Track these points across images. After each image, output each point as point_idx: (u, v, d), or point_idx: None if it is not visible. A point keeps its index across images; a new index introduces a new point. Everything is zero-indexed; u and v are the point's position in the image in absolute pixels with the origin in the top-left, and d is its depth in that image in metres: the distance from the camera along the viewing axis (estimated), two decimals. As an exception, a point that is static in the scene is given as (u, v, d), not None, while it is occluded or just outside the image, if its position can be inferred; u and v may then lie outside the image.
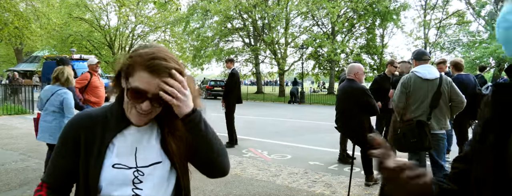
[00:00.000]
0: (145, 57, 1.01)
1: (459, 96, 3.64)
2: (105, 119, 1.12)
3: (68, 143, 1.12)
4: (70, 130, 1.13)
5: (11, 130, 8.96)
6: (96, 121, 1.12)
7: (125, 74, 1.05)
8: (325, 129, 9.55)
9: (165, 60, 1.02)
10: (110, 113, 1.13)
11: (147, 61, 1.00)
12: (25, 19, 16.42)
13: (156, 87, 1.00)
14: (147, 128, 1.15)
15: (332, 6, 23.70)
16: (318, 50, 27.92)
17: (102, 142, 1.08)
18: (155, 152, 1.13)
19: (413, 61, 3.96)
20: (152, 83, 1.00)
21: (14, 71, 23.68)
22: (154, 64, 1.00)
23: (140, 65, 1.01)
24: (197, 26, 28.79)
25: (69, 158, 1.11)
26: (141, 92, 1.01)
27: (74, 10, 26.89)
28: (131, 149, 1.11)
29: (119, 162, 1.08)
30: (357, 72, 4.44)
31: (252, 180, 4.82)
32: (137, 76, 1.01)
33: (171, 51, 19.87)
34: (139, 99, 1.02)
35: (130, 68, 1.03)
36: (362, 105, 4.29)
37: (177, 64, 1.04)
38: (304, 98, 21.79)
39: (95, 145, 1.08)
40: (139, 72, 1.01)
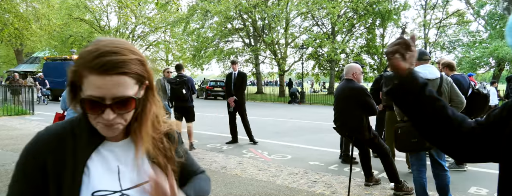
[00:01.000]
0: (88, 57, 0.82)
1: (458, 97, 3.63)
2: (73, 136, 0.90)
3: (30, 175, 0.88)
4: (31, 157, 0.88)
5: (11, 131, 8.97)
6: (63, 140, 0.90)
7: (77, 82, 0.85)
8: (325, 129, 9.54)
9: (115, 54, 0.82)
10: (78, 127, 0.92)
11: (92, 60, 0.81)
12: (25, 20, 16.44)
13: (114, 88, 0.82)
14: (128, 141, 0.96)
15: (332, 6, 23.71)
16: (318, 50, 27.93)
17: (75, 165, 0.87)
18: (142, 169, 0.95)
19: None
20: (106, 86, 0.81)
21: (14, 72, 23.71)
22: (102, 62, 0.80)
23: (86, 68, 0.81)
24: (197, 26, 28.80)
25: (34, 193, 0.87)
26: (96, 101, 0.82)
27: (74, 11, 26.92)
28: (112, 169, 0.91)
29: (101, 188, 0.88)
30: (355, 72, 4.45)
31: (252, 180, 4.82)
32: (87, 82, 0.82)
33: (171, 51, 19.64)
34: (98, 109, 0.84)
35: (78, 74, 0.84)
36: (361, 105, 4.29)
37: (134, 54, 0.85)
38: (304, 98, 21.79)
39: (67, 170, 0.87)
40: (87, 77, 0.82)
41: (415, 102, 0.97)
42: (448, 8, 27.63)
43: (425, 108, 0.97)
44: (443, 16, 26.95)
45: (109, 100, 0.83)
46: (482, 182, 4.79)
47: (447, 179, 3.66)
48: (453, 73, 4.93)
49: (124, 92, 0.83)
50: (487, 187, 4.54)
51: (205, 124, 10.25)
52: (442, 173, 3.66)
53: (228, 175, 5.03)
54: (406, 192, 4.24)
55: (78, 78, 0.84)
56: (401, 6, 26.51)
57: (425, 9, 26.80)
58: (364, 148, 4.55)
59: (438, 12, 27.45)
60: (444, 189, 3.69)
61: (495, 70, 22.50)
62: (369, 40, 28.91)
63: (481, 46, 21.35)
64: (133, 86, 0.85)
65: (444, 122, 0.96)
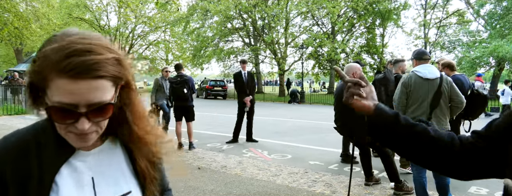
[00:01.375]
0: (54, 56, 0.67)
1: (458, 96, 3.63)
2: (38, 145, 0.76)
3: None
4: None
5: (11, 130, 8.94)
6: (26, 149, 0.75)
7: (40, 86, 0.71)
8: (325, 129, 9.55)
9: (89, 53, 0.67)
10: (43, 136, 0.77)
11: (60, 61, 0.66)
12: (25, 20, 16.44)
13: (89, 94, 0.68)
14: (103, 147, 0.83)
15: (332, 6, 23.71)
16: (318, 50, 27.93)
17: (41, 181, 0.73)
18: (121, 178, 0.83)
19: (413, 60, 3.96)
20: (80, 91, 0.67)
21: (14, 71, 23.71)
22: (73, 64, 0.66)
23: (53, 70, 0.67)
24: (197, 26, 28.80)
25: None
26: (67, 108, 0.69)
27: (74, 11, 26.93)
28: (85, 182, 0.78)
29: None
30: (355, 72, 4.45)
31: (252, 179, 4.82)
32: (54, 86, 0.67)
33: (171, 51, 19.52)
34: (69, 118, 0.70)
35: (41, 76, 0.68)
36: None
37: (111, 52, 0.71)
38: (304, 98, 21.80)
39: (31, 186, 0.72)
40: (55, 80, 0.67)
41: (394, 135, 0.94)
42: (448, 8, 27.63)
43: (406, 137, 0.93)
44: (443, 16, 26.96)
45: (83, 108, 0.69)
46: (482, 182, 4.79)
47: (447, 179, 3.66)
48: (454, 73, 4.93)
49: (101, 97, 0.70)
50: (487, 187, 4.54)
51: (205, 123, 10.24)
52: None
53: (228, 175, 5.03)
54: (406, 192, 4.24)
55: (42, 81, 0.69)
56: (401, 5, 26.51)
57: (425, 8, 26.80)
58: (364, 147, 4.56)
59: (438, 11, 27.46)
60: (444, 188, 3.69)
61: (495, 70, 22.50)
62: (369, 39, 28.92)
63: (481, 46, 21.35)
64: (110, 90, 0.72)
65: (432, 146, 0.92)
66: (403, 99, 3.73)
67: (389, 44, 40.78)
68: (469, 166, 0.90)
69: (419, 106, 3.65)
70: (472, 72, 22.18)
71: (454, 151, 0.90)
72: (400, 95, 3.75)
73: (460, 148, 0.90)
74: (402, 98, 3.73)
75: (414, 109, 3.67)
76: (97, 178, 0.80)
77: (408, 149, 0.95)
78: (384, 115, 0.94)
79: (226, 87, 25.22)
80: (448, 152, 0.91)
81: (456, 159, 0.90)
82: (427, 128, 0.94)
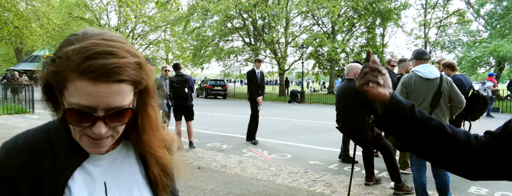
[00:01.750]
0: (75, 58, 0.65)
1: (458, 96, 3.63)
2: (51, 148, 0.74)
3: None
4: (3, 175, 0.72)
5: (11, 129, 8.97)
6: (39, 152, 0.73)
7: (57, 86, 0.69)
8: (325, 129, 9.55)
9: (111, 56, 0.66)
10: (56, 138, 0.75)
11: (81, 62, 0.65)
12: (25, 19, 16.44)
13: (109, 97, 0.67)
14: (117, 152, 0.82)
15: (333, 5, 23.69)
16: (318, 50, 27.92)
17: (54, 185, 0.72)
18: (134, 184, 0.81)
19: (413, 60, 3.95)
20: (99, 94, 0.66)
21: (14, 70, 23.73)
22: (94, 67, 0.64)
23: (72, 71, 0.65)
24: (197, 25, 28.79)
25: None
26: (85, 111, 0.67)
27: (74, 10, 26.93)
28: (98, 187, 0.76)
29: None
30: (356, 72, 4.45)
31: (252, 179, 4.82)
32: (73, 88, 0.66)
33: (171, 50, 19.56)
34: (86, 121, 0.68)
35: (60, 77, 0.67)
36: (363, 105, 4.29)
37: (133, 55, 0.70)
38: (304, 98, 21.79)
39: (44, 190, 0.71)
40: (74, 81, 0.65)
41: (408, 127, 0.89)
42: (448, 8, 27.61)
43: (421, 131, 0.89)
44: (444, 16, 26.95)
45: (101, 111, 0.67)
46: (482, 182, 4.79)
47: (447, 179, 3.66)
48: (454, 73, 4.93)
49: (120, 101, 0.68)
50: (487, 187, 4.54)
51: (205, 123, 10.24)
52: (442, 173, 3.67)
53: (228, 174, 5.03)
54: (406, 192, 4.24)
55: (60, 82, 0.67)
56: (402, 5, 26.50)
57: (426, 8, 26.79)
58: (367, 147, 4.56)
59: (439, 11, 27.45)
60: (444, 188, 3.69)
61: (495, 70, 22.49)
62: (369, 39, 28.91)
63: (481, 46, 21.34)
64: (130, 94, 0.70)
65: (448, 142, 0.88)
66: (403, 99, 3.72)
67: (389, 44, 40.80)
68: (481, 166, 0.87)
69: (419, 106, 3.65)
70: (473, 72, 22.19)
71: (470, 150, 0.87)
72: (400, 94, 3.75)
73: (475, 147, 0.87)
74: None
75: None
76: (109, 183, 0.78)
77: (421, 143, 0.91)
78: (400, 105, 0.89)
79: (226, 87, 25.22)
80: (463, 151, 0.87)
81: (470, 158, 0.87)
82: (443, 124, 0.91)
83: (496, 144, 0.85)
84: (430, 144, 0.89)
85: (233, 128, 9.72)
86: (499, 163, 0.85)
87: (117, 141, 0.81)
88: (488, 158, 0.85)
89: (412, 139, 0.91)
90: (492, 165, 0.86)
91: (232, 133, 8.82)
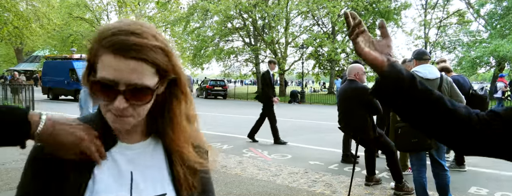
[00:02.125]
0: (104, 34, 0.71)
1: (459, 97, 3.63)
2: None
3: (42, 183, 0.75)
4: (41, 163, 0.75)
5: (11, 129, 8.97)
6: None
7: (93, 63, 0.74)
8: (326, 129, 9.55)
9: (135, 35, 0.70)
10: (92, 124, 0.79)
11: (107, 37, 0.70)
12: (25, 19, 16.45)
13: (130, 73, 0.70)
14: (146, 144, 0.83)
15: (333, 6, 23.71)
16: (319, 50, 27.93)
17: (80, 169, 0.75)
18: (158, 179, 0.82)
19: (413, 60, 3.96)
20: (121, 69, 0.70)
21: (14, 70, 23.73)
22: (116, 41, 0.69)
23: (102, 46, 0.71)
24: (197, 25, 28.80)
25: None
26: (108, 84, 0.71)
27: (74, 10, 26.93)
28: (123, 175, 0.78)
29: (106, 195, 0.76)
30: (357, 72, 4.45)
31: (252, 179, 4.82)
32: (101, 62, 0.71)
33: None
34: (109, 95, 0.72)
35: (92, 53, 0.73)
36: (365, 105, 4.29)
37: (157, 40, 0.73)
38: (304, 98, 21.80)
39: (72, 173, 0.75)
40: (102, 56, 0.71)
41: (407, 99, 0.85)
42: (448, 8, 27.61)
43: (421, 103, 0.84)
44: (444, 16, 26.95)
45: (122, 86, 0.71)
46: (482, 182, 4.79)
47: (447, 179, 3.66)
48: (451, 75, 4.93)
49: (140, 79, 0.71)
50: (487, 187, 4.54)
51: (205, 123, 10.23)
52: (442, 173, 3.66)
53: (228, 175, 5.03)
54: (406, 192, 4.24)
55: (93, 57, 0.73)
56: (402, 5, 26.51)
57: (426, 8, 26.78)
58: (369, 147, 4.56)
59: (439, 11, 27.44)
60: (444, 189, 3.69)
61: (496, 70, 22.49)
62: (369, 39, 28.90)
63: (481, 46, 21.33)
64: (151, 77, 0.73)
65: (448, 117, 0.85)
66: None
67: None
68: (478, 143, 0.85)
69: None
70: (473, 72, 22.19)
71: (470, 126, 0.84)
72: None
73: (475, 124, 0.85)
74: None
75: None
76: (136, 173, 0.79)
77: (420, 116, 0.86)
78: (399, 75, 0.83)
79: (226, 87, 25.23)
80: (462, 126, 0.85)
81: (468, 134, 0.85)
82: (444, 97, 0.87)
83: (498, 123, 0.83)
84: (429, 118, 0.86)
85: (233, 128, 9.73)
86: (497, 142, 0.84)
87: (147, 134, 0.84)
88: (486, 136, 0.84)
89: (410, 110, 0.87)
90: (489, 142, 0.84)
91: (232, 133, 8.83)
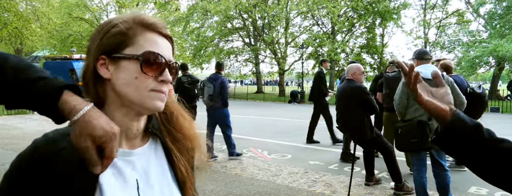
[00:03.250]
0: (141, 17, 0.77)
1: (459, 97, 3.63)
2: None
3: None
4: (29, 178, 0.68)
5: (11, 130, 8.96)
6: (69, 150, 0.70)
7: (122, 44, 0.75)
8: (326, 129, 9.53)
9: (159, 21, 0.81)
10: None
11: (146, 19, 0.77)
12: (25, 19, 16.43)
13: (167, 49, 0.78)
14: (147, 148, 0.82)
15: (332, 6, 23.69)
16: (318, 50, 27.91)
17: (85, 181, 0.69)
18: (165, 183, 0.81)
19: (415, 60, 3.95)
20: (163, 46, 0.77)
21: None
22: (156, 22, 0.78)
23: (138, 26, 0.76)
24: (197, 26, 28.79)
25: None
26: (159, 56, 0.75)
27: (74, 10, 26.89)
28: (129, 183, 0.75)
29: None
30: (355, 72, 4.46)
31: (252, 179, 4.81)
32: (142, 39, 0.75)
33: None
34: (158, 66, 0.75)
35: (130, 32, 0.75)
36: (362, 104, 4.29)
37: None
38: (304, 98, 21.79)
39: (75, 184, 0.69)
40: (144, 34, 0.76)
41: (473, 148, 0.79)
42: (447, 8, 27.61)
43: (489, 153, 0.78)
44: (443, 16, 26.95)
45: (167, 58, 0.76)
46: (482, 182, 4.74)
47: (447, 179, 3.66)
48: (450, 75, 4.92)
49: (171, 57, 0.79)
50: (487, 187, 4.54)
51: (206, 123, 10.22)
52: (442, 173, 3.66)
53: (228, 175, 5.03)
54: (406, 192, 4.24)
55: (131, 36, 0.75)
56: (401, 5, 26.49)
57: (425, 8, 26.78)
58: (368, 147, 4.56)
59: (438, 11, 27.44)
60: (444, 188, 3.69)
61: (495, 70, 22.49)
62: (369, 39, 28.90)
63: (480, 46, 21.33)
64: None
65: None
66: (404, 99, 3.72)
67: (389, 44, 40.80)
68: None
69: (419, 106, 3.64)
70: (472, 72, 22.17)
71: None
72: (400, 95, 3.75)
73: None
74: (402, 98, 3.73)
75: (414, 109, 3.66)
76: (141, 180, 0.77)
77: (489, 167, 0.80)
78: (464, 123, 0.79)
79: (226, 87, 25.16)
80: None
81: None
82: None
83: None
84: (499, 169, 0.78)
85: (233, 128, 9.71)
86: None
87: (146, 136, 0.83)
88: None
89: (477, 161, 0.81)
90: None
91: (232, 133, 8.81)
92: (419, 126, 3.54)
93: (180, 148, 0.84)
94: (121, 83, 0.74)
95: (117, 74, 0.74)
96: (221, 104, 6.00)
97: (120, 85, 0.74)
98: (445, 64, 5.22)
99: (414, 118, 3.62)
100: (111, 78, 0.74)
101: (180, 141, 0.84)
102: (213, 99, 5.97)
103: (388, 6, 25.36)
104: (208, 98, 6.03)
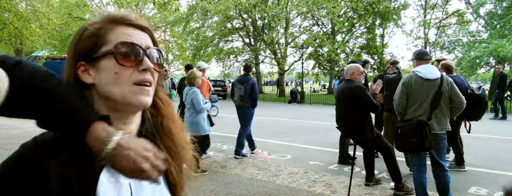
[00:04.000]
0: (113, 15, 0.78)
1: (459, 97, 3.63)
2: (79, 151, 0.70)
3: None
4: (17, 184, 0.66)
5: (11, 130, 8.96)
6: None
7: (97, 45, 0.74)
8: (325, 129, 9.54)
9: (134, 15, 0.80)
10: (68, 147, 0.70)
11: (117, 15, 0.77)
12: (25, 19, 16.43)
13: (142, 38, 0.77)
14: None
15: (332, 6, 23.70)
16: (318, 50, 27.93)
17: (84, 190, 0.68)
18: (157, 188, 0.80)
19: (414, 60, 3.96)
20: (137, 36, 0.76)
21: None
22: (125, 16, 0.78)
23: (112, 23, 0.76)
24: (197, 26, 28.80)
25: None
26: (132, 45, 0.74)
27: (74, 10, 26.91)
28: (123, 189, 0.74)
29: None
30: (353, 72, 4.46)
31: (252, 180, 4.82)
32: (115, 35, 0.75)
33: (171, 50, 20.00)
34: (134, 58, 0.74)
35: (102, 31, 0.75)
36: (362, 104, 4.29)
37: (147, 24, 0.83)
38: (304, 98, 21.79)
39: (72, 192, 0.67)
40: (115, 30, 0.75)
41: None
42: (447, 8, 27.62)
43: None
44: (443, 16, 26.96)
45: (145, 46, 0.76)
46: (482, 182, 4.79)
47: (447, 179, 3.66)
48: (450, 75, 4.93)
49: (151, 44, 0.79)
50: (487, 187, 4.54)
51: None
52: (442, 173, 3.66)
53: (228, 175, 5.03)
54: (406, 192, 4.24)
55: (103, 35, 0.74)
56: (401, 5, 26.50)
57: (425, 9, 26.79)
58: (367, 147, 4.56)
59: (438, 11, 27.46)
60: (444, 189, 3.69)
61: (495, 70, 22.50)
62: (369, 40, 28.91)
63: (481, 46, 21.32)
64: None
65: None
66: (403, 99, 3.72)
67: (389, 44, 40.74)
68: None
69: (419, 106, 3.65)
70: (472, 72, 22.17)
71: None
72: (400, 95, 3.75)
73: None
74: (402, 98, 3.73)
75: (414, 110, 3.67)
76: (134, 185, 0.77)
77: None
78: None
79: (226, 87, 25.20)
80: None
81: None
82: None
83: None
84: None
85: (233, 128, 9.70)
86: None
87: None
88: None
89: None
90: None
91: (233, 133, 8.81)
92: (418, 126, 3.54)
93: (171, 152, 0.83)
94: (104, 84, 0.73)
95: (100, 77, 0.74)
96: (250, 104, 6.35)
97: (103, 86, 0.73)
98: (446, 64, 5.21)
99: (413, 118, 3.62)
100: (95, 82, 0.74)
101: (171, 146, 0.84)
102: (243, 99, 6.28)
103: (388, 7, 25.37)
104: (239, 99, 6.36)
